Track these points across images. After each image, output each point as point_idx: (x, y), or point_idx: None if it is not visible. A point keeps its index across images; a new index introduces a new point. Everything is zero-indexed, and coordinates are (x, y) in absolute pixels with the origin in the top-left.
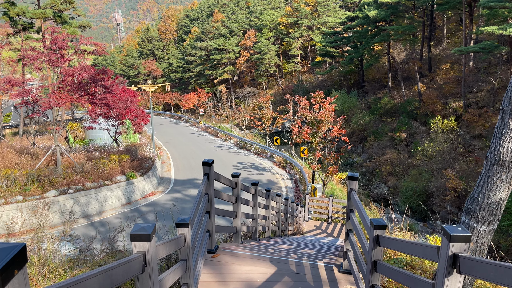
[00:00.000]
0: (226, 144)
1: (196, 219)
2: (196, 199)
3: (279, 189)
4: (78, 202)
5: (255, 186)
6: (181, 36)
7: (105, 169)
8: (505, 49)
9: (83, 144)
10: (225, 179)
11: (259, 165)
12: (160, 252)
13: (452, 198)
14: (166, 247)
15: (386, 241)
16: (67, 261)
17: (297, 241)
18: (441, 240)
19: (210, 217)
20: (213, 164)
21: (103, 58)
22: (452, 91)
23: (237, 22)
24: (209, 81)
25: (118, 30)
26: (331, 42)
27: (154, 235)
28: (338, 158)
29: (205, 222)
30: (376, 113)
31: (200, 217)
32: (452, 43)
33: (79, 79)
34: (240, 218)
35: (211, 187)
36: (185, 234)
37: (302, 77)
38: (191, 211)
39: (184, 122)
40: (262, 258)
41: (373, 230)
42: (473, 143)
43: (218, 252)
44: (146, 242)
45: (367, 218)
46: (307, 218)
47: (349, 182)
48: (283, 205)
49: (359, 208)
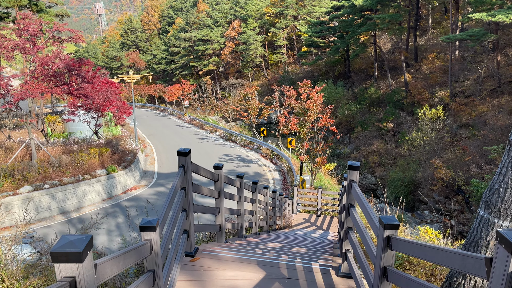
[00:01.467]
0: (212, 136)
1: (170, 219)
2: (168, 195)
3: (266, 181)
4: (54, 198)
5: (240, 179)
6: (165, 27)
7: (84, 163)
8: (493, 37)
9: (62, 137)
10: (206, 171)
11: (245, 157)
12: (108, 271)
13: (440, 188)
14: (120, 261)
15: (401, 245)
16: (25, 268)
17: (287, 237)
18: (497, 251)
19: (187, 215)
20: (190, 153)
21: (85, 50)
22: (439, 80)
23: (221, 12)
24: (194, 73)
25: (100, 21)
26: (317, 32)
27: (90, 252)
28: (326, 148)
29: (181, 221)
30: (363, 103)
31: (175, 215)
32: (437, 33)
33: (54, 68)
34: (224, 214)
35: (188, 180)
36: (151, 239)
37: (288, 68)
38: (161, 210)
39: (168, 115)
40: (248, 261)
41: (384, 231)
42: (460, 133)
43: (198, 255)
44: (76, 263)
45: (374, 215)
46: (295, 211)
47: (349, 172)
48: (271, 198)
49: (363, 202)
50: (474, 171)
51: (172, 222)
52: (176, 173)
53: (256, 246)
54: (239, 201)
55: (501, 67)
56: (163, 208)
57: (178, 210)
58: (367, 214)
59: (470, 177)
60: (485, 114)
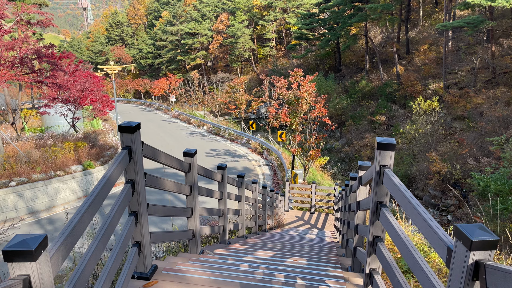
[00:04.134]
0: (199, 131)
1: (100, 230)
2: (93, 191)
3: (255, 177)
4: (22, 197)
5: (222, 171)
6: (151, 21)
7: (57, 158)
8: (491, 23)
9: (38, 132)
10: (169, 158)
11: (233, 152)
12: None
13: (436, 182)
14: None
15: (506, 280)
16: None
17: (280, 240)
18: None
19: (139, 220)
20: (140, 129)
21: (69, 45)
22: (432, 72)
23: (209, 5)
24: (181, 68)
25: (84, 15)
26: (307, 24)
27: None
28: (320, 140)
29: (127, 230)
30: (354, 96)
31: (109, 222)
32: (428, 26)
33: (21, 54)
34: (199, 217)
35: (138, 169)
36: (29, 276)
37: (277, 61)
38: (74, 215)
39: (155, 110)
40: (229, 285)
41: (468, 252)
42: (454, 125)
43: (156, 276)
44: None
45: (435, 222)
46: (287, 208)
47: (381, 154)
48: (260, 195)
49: (411, 201)
50: (472, 164)
51: (102, 234)
52: (115, 158)
53: (242, 256)
54: (220, 198)
55: (496, 57)
56: (77, 212)
57: (117, 213)
58: (419, 219)
59: (468, 171)
60: (481, 106)
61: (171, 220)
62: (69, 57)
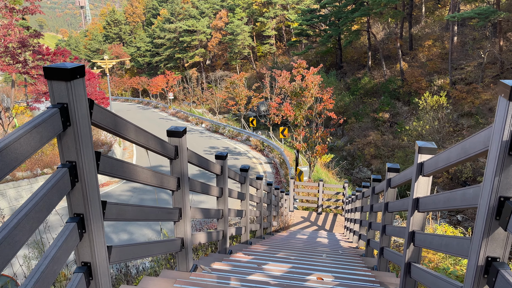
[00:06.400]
0: (197, 129)
1: None
2: None
3: (256, 175)
4: (4, 196)
5: (221, 160)
6: (149, 19)
7: (44, 155)
8: (503, 14)
9: None
10: (141, 135)
11: (233, 149)
12: None
13: (444, 181)
14: None
15: None
16: None
17: (290, 247)
18: None
19: (86, 228)
20: (84, 76)
21: (67, 43)
22: (437, 68)
23: (208, 2)
24: (179, 66)
25: (82, 14)
26: (308, 20)
27: None
28: (327, 134)
29: (59, 245)
30: (356, 93)
31: None
32: (430, 22)
33: (6, 44)
34: (191, 220)
35: (83, 144)
36: None
37: (277, 59)
38: None
39: (152, 108)
40: None
41: None
42: (462, 122)
43: None
44: None
45: None
46: (292, 208)
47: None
48: (265, 193)
49: None
50: (483, 161)
51: None
52: (34, 117)
53: (248, 273)
54: (219, 196)
55: (503, 52)
56: None
57: (35, 221)
58: None
59: (478, 169)
60: (489, 102)
61: (159, 223)
62: (64, 54)
